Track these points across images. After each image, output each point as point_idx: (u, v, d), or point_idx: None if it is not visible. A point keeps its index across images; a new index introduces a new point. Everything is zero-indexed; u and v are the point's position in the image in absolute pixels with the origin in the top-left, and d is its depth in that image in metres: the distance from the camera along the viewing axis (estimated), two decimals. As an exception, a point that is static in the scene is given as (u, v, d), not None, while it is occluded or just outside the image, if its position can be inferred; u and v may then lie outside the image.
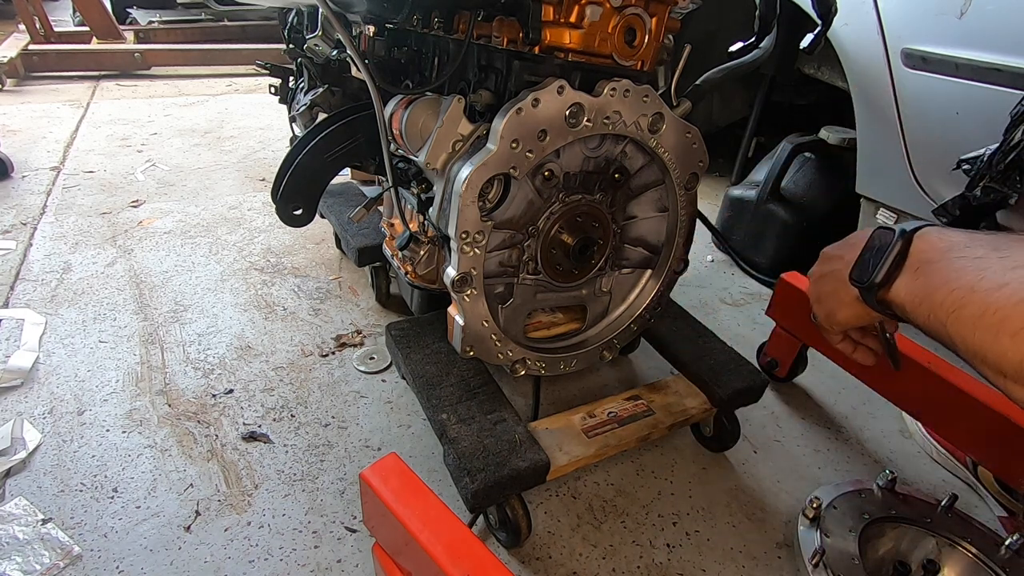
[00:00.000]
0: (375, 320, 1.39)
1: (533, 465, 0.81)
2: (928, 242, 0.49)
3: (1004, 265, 0.40)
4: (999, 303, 0.38)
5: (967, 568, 0.85)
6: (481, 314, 0.86)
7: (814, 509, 0.88)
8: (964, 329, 0.41)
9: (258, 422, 1.08)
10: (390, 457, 0.68)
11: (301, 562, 0.85)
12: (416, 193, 0.93)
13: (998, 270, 0.40)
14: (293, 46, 1.36)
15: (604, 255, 0.96)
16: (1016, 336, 0.36)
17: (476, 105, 0.83)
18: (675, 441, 1.11)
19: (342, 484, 0.98)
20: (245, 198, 1.97)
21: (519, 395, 1.17)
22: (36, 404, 1.09)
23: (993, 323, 0.38)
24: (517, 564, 0.87)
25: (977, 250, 0.44)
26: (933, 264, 0.47)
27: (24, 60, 3.14)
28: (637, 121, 0.81)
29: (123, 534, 0.87)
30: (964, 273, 0.43)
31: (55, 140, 2.35)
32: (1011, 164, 0.84)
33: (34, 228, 1.69)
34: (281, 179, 0.97)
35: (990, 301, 0.39)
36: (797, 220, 1.57)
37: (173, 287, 1.46)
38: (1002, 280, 0.39)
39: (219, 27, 4.15)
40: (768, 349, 1.26)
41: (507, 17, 0.78)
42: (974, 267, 0.42)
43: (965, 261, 0.44)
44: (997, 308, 0.38)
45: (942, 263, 0.46)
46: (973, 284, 0.41)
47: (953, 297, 0.42)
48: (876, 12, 1.23)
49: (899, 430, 1.18)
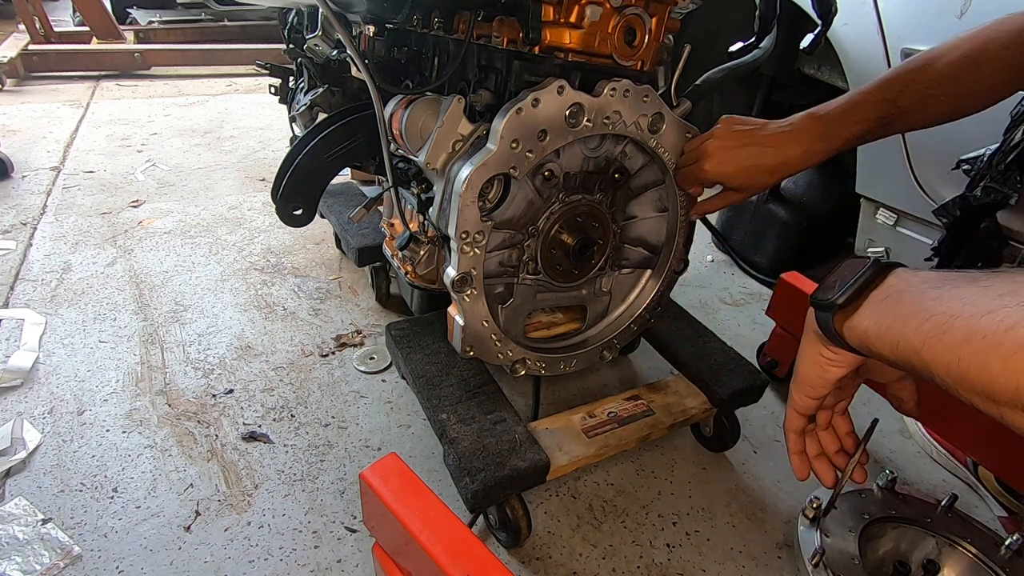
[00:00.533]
0: (375, 320, 1.39)
1: (533, 465, 0.81)
2: (901, 277, 0.48)
3: (988, 294, 0.39)
4: (988, 329, 0.37)
5: (967, 568, 0.85)
6: (481, 314, 0.86)
7: (814, 509, 0.88)
8: (946, 356, 0.40)
9: (258, 422, 1.08)
10: (390, 457, 0.68)
11: (301, 562, 0.85)
12: (416, 193, 0.93)
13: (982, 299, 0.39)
14: (293, 46, 1.36)
15: (604, 255, 0.96)
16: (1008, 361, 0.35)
17: (476, 105, 0.83)
18: (675, 441, 1.11)
19: (342, 484, 0.98)
20: (245, 198, 1.97)
21: (519, 395, 1.17)
22: (36, 404, 1.09)
23: (981, 349, 0.37)
24: (517, 564, 0.87)
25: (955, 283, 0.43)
26: (904, 294, 0.46)
27: (24, 60, 3.13)
28: (637, 121, 0.81)
29: (123, 534, 0.87)
30: (942, 302, 0.42)
31: (55, 140, 2.35)
32: (1011, 164, 0.84)
33: (34, 228, 1.69)
34: (281, 179, 0.97)
35: (977, 327, 0.38)
36: (797, 220, 1.57)
37: (173, 287, 1.46)
38: (989, 307, 0.38)
39: (219, 27, 4.15)
40: (768, 349, 1.26)
41: (507, 17, 0.78)
42: (954, 296, 0.41)
43: (942, 291, 0.43)
44: (986, 334, 0.37)
45: (914, 292, 0.45)
46: (955, 311, 0.40)
47: (931, 324, 0.41)
48: (876, 12, 1.23)
49: (899, 430, 1.18)
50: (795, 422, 0.62)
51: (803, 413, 0.61)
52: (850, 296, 0.49)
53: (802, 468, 0.63)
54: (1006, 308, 0.37)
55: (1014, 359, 0.35)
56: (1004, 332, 0.36)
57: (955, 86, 0.73)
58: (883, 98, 0.75)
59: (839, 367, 0.55)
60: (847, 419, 0.64)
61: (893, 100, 0.75)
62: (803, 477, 0.62)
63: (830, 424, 0.64)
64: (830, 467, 0.62)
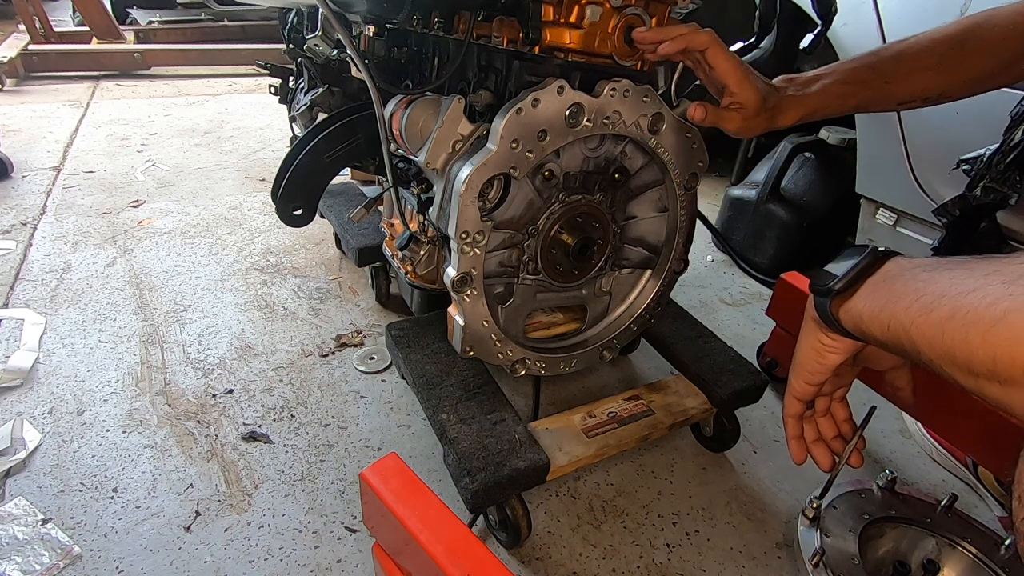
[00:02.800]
0: (375, 320, 1.39)
1: (533, 465, 0.81)
2: (897, 263, 0.49)
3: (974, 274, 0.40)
4: (970, 304, 0.38)
5: (967, 568, 0.85)
6: (481, 314, 0.86)
7: (814, 509, 0.88)
8: (931, 331, 0.41)
9: (258, 422, 1.08)
10: (390, 457, 0.68)
11: (301, 562, 0.85)
12: (416, 193, 0.93)
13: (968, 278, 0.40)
14: (293, 46, 1.36)
15: (604, 255, 0.96)
16: (987, 334, 0.36)
17: (476, 105, 0.83)
18: (675, 441, 1.11)
19: (342, 484, 0.98)
20: (245, 198, 1.97)
21: (519, 395, 1.17)
22: (36, 404, 1.09)
23: (963, 323, 0.38)
24: (517, 564, 0.87)
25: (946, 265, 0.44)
26: (898, 277, 0.47)
27: (24, 60, 3.13)
28: (637, 121, 0.81)
29: (123, 534, 0.87)
30: (933, 283, 0.43)
31: (55, 140, 2.35)
32: (1011, 164, 0.84)
33: (34, 228, 1.69)
34: (281, 179, 0.97)
35: (961, 303, 0.39)
36: (797, 220, 1.57)
37: (173, 287, 1.46)
38: (974, 285, 0.39)
39: (219, 27, 4.14)
40: (768, 349, 1.25)
41: (507, 17, 0.78)
42: (944, 278, 0.42)
43: (935, 273, 0.44)
44: (969, 309, 0.38)
45: (908, 275, 0.46)
46: (943, 291, 0.41)
47: (921, 303, 0.42)
48: (876, 12, 1.23)
49: (899, 430, 1.18)
50: (793, 408, 0.63)
51: (801, 399, 0.62)
52: (848, 282, 0.50)
53: (799, 452, 0.64)
54: (989, 286, 0.38)
55: (992, 332, 0.36)
56: (985, 307, 0.37)
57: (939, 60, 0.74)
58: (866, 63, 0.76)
59: (837, 353, 0.57)
60: (845, 406, 0.65)
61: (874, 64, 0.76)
62: (800, 461, 0.64)
63: (828, 411, 0.65)
64: (828, 452, 0.64)
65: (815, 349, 0.58)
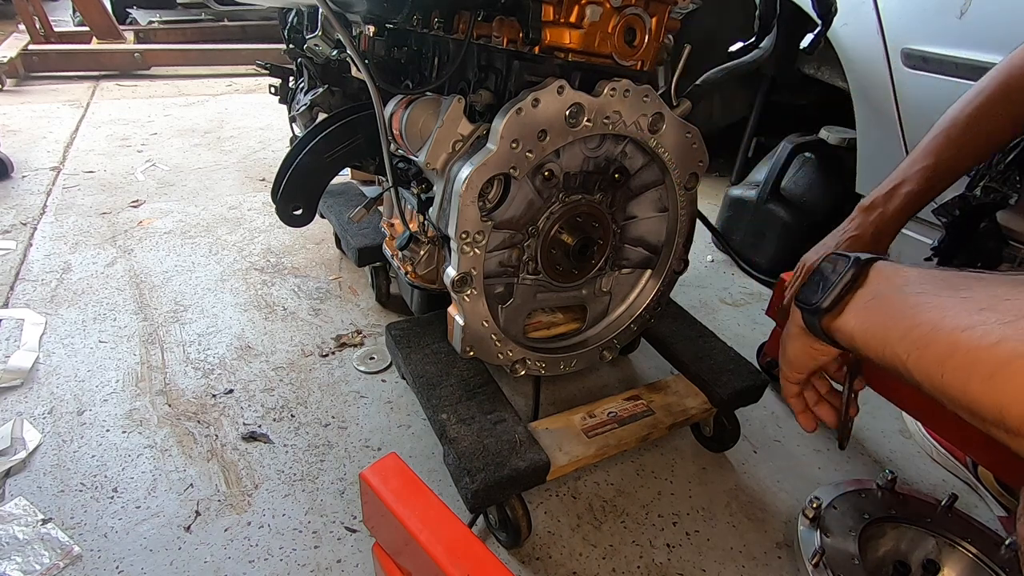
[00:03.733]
0: (375, 320, 1.39)
1: (533, 465, 0.81)
2: (882, 275, 0.48)
3: (968, 307, 0.39)
4: (968, 345, 0.37)
5: (967, 568, 0.85)
6: (481, 314, 0.86)
7: (814, 509, 0.88)
8: (930, 368, 0.40)
9: (258, 422, 1.08)
10: (390, 457, 0.68)
11: (301, 562, 0.85)
12: (416, 193, 0.93)
13: (961, 311, 0.39)
14: (293, 46, 1.36)
15: (604, 255, 0.96)
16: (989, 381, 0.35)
17: (476, 105, 0.83)
18: (675, 441, 1.11)
19: (342, 484, 0.98)
20: (245, 198, 1.97)
21: (519, 395, 1.17)
22: (36, 404, 1.09)
23: (962, 366, 0.37)
24: (517, 564, 0.87)
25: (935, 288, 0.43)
26: (887, 297, 0.46)
27: (24, 60, 3.14)
28: (637, 121, 0.81)
29: (123, 534, 0.87)
30: (923, 310, 0.42)
31: (55, 140, 2.35)
32: (1011, 164, 0.84)
33: (34, 228, 1.69)
34: (281, 179, 0.97)
35: (956, 342, 0.38)
36: (797, 220, 1.57)
37: (173, 287, 1.46)
38: (968, 322, 0.38)
39: (219, 27, 4.15)
40: (768, 349, 1.25)
41: (507, 17, 0.78)
42: (933, 305, 0.41)
43: (923, 298, 0.43)
44: (967, 350, 0.37)
45: (896, 297, 0.45)
46: (935, 323, 0.40)
47: (915, 335, 0.41)
48: (876, 12, 1.24)
49: (899, 430, 1.18)
50: (791, 390, 0.66)
51: (797, 383, 0.65)
52: (834, 299, 0.50)
53: (809, 422, 0.66)
54: (984, 325, 0.37)
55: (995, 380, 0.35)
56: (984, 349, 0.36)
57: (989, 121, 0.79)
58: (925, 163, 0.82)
59: (827, 356, 0.59)
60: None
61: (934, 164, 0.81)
62: (811, 428, 0.66)
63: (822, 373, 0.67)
64: (831, 409, 0.66)
65: (806, 354, 0.59)
